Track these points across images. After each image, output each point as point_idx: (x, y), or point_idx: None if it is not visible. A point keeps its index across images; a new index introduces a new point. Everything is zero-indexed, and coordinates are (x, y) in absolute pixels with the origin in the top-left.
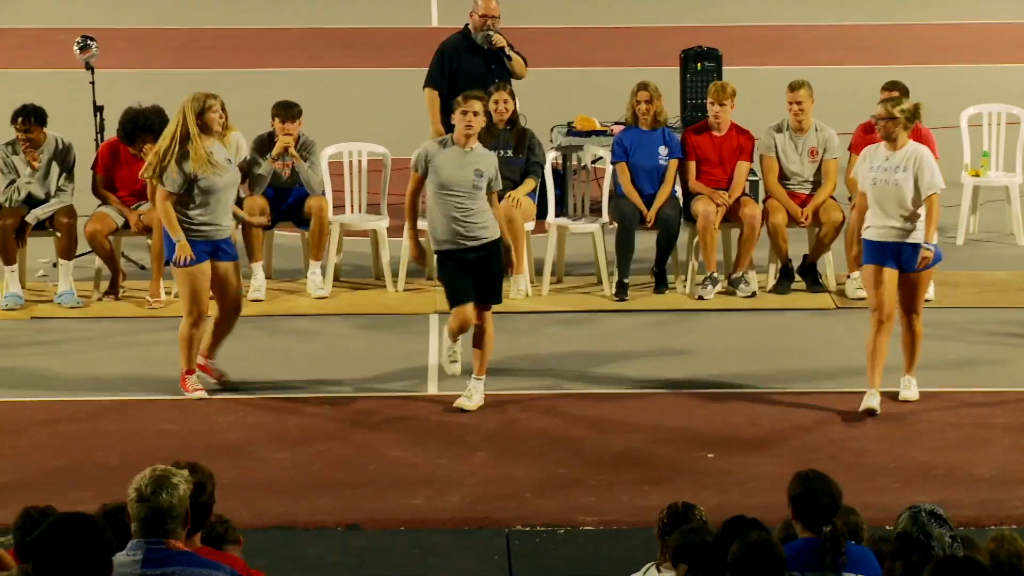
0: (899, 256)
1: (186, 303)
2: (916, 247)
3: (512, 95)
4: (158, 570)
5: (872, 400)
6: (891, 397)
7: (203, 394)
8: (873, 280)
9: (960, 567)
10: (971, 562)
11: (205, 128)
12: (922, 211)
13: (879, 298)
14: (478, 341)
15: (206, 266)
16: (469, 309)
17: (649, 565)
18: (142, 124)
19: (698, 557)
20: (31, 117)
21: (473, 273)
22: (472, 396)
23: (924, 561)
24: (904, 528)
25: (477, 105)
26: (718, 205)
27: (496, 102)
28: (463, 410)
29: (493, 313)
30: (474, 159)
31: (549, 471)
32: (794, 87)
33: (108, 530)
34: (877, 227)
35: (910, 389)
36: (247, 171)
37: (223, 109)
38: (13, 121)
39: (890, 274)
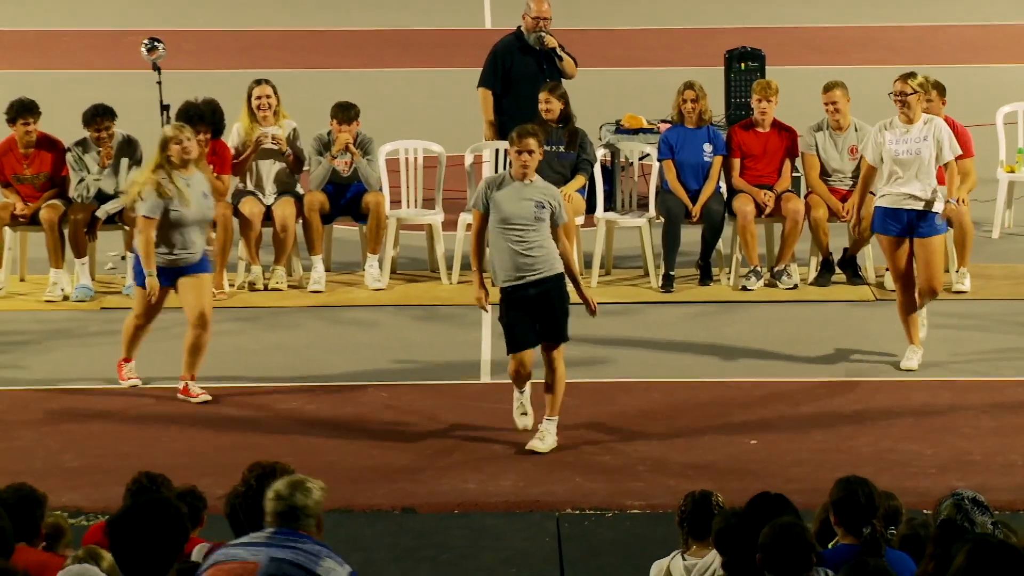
0: (914, 224)
1: (136, 307)
2: (932, 215)
3: (564, 95)
4: (289, 537)
5: (912, 359)
6: (929, 388)
7: (137, 382)
8: (891, 251)
9: (995, 550)
10: (1006, 546)
11: (171, 161)
12: (935, 182)
13: (898, 265)
14: (548, 380)
15: (165, 291)
16: (527, 356)
17: (675, 553)
18: (193, 114)
19: (737, 541)
20: (105, 116)
21: (535, 312)
22: (544, 438)
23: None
24: (948, 515)
25: (532, 143)
26: (764, 205)
27: (547, 101)
28: (534, 452)
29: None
30: (533, 191)
31: (597, 456)
32: (828, 88)
33: (185, 516)
34: (895, 194)
35: (913, 359)
36: (299, 157)
37: (276, 95)
38: (89, 123)
39: (904, 244)
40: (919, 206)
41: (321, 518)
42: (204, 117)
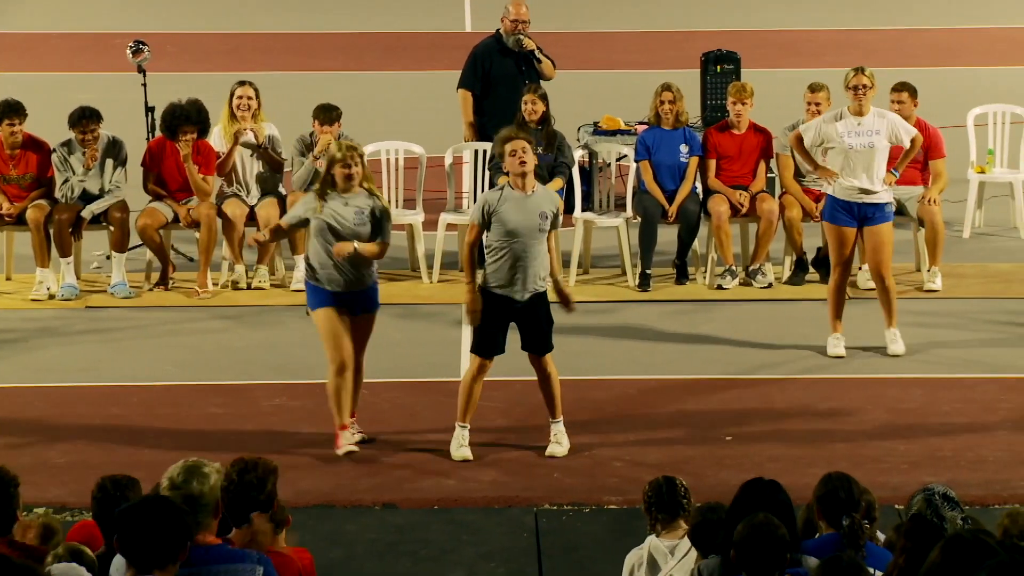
0: (865, 215)
1: (326, 350)
2: (880, 206)
3: (544, 97)
4: (185, 571)
5: (838, 346)
6: (901, 385)
7: (353, 448)
8: (837, 239)
9: (969, 545)
10: (980, 541)
11: (333, 182)
12: (884, 174)
13: (843, 252)
14: (544, 386)
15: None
16: (487, 364)
17: (648, 538)
18: (180, 115)
19: (715, 535)
20: (91, 119)
21: (521, 322)
22: (561, 441)
23: (935, 543)
24: (918, 509)
25: (522, 143)
26: (739, 205)
27: (533, 102)
28: (554, 456)
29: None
30: (537, 203)
31: (576, 453)
32: (815, 88)
33: (189, 515)
34: (847, 187)
35: (896, 343)
36: (276, 159)
37: (257, 97)
38: (75, 124)
39: (851, 232)
40: (871, 199)
41: (219, 501)
42: (190, 117)
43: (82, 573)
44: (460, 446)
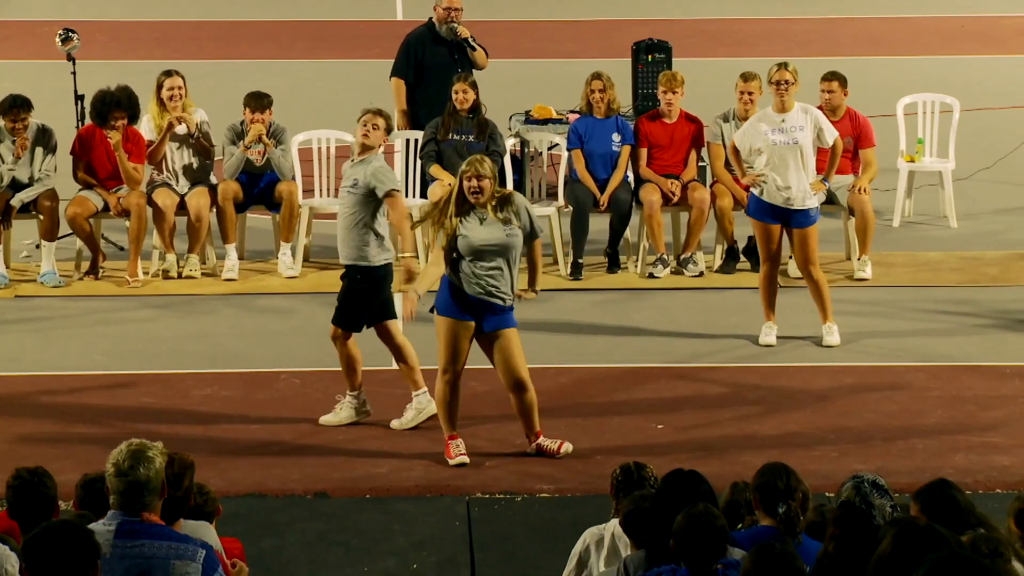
0: (789, 217)
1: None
2: (805, 212)
3: (474, 85)
4: (130, 542)
5: (770, 335)
6: (832, 373)
7: (464, 460)
8: (763, 235)
9: (920, 533)
10: (931, 530)
11: (461, 201)
12: (812, 173)
13: (770, 247)
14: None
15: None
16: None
17: (614, 521)
18: (110, 101)
19: (647, 525)
20: (22, 108)
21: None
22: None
23: (864, 530)
24: (847, 497)
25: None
26: (671, 194)
27: (464, 91)
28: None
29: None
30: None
31: (507, 441)
32: (747, 78)
33: (93, 535)
34: (772, 188)
35: (832, 335)
36: (207, 147)
37: (184, 85)
38: (5, 113)
39: (776, 228)
40: (795, 203)
41: (164, 483)
42: (121, 103)
43: (10, 555)
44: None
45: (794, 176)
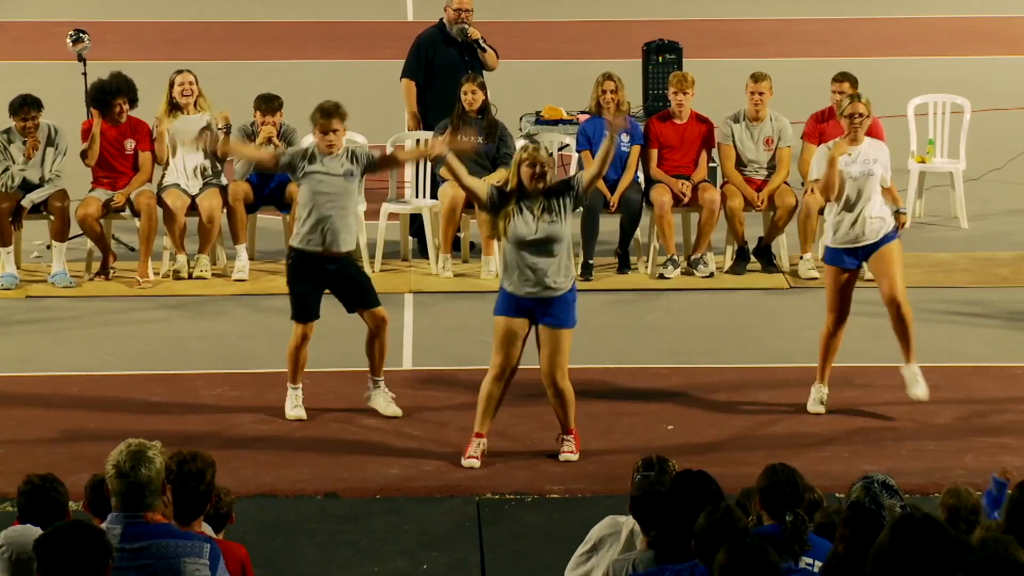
0: (864, 254)
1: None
2: (880, 242)
3: (482, 86)
4: (135, 544)
5: (816, 403)
6: (843, 374)
7: (474, 463)
8: (834, 280)
9: (918, 526)
10: (929, 522)
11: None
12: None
13: (836, 300)
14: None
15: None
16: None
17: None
18: (109, 88)
19: (656, 512)
20: (32, 107)
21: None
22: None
23: (874, 531)
24: (857, 498)
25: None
26: (682, 195)
27: (473, 92)
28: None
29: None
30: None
31: (518, 442)
32: (757, 78)
33: (105, 535)
34: (847, 226)
35: (917, 384)
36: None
37: (197, 83)
38: (16, 112)
39: (853, 275)
40: (870, 241)
41: (165, 482)
42: (121, 89)
43: (36, 532)
44: (294, 406)
45: (867, 210)
